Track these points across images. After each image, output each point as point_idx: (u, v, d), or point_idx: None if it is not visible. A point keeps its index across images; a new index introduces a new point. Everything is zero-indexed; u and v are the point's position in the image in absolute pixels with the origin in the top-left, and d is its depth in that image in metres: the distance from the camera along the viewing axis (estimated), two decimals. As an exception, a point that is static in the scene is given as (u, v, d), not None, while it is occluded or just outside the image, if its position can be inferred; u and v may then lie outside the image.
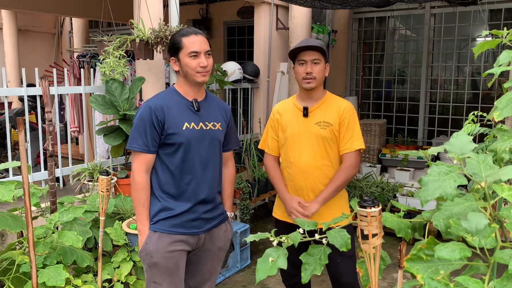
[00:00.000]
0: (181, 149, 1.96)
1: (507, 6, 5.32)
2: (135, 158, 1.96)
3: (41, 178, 3.25)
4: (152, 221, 1.99)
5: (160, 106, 1.94)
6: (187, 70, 1.96)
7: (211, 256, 2.14)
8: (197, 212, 2.02)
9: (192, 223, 2.01)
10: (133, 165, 1.97)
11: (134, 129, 1.96)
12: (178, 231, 1.99)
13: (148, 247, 1.96)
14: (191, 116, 2.00)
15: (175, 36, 2.00)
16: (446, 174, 0.99)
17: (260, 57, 5.34)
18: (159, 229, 1.97)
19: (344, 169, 2.31)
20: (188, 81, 2.01)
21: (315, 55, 2.26)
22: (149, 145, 1.93)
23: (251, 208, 4.07)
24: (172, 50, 2.01)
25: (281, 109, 2.45)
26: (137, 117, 1.96)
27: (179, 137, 1.95)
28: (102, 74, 3.30)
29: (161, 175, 1.99)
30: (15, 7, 6.35)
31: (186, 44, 1.96)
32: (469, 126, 1.44)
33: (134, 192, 1.97)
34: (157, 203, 1.99)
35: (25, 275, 2.27)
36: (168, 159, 1.97)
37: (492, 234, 0.96)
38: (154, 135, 1.93)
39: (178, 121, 1.96)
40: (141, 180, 1.95)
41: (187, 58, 1.95)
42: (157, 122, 1.92)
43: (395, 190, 4.68)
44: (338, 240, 1.23)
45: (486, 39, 1.26)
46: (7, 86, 7.19)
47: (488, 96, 5.75)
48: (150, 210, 2.00)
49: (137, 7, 3.45)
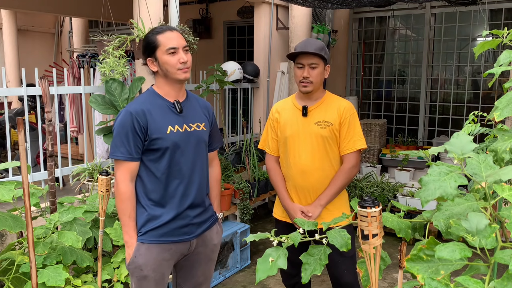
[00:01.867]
0: (167, 153, 1.88)
1: (507, 6, 5.32)
2: (119, 167, 1.86)
3: (40, 178, 3.24)
4: (140, 232, 1.89)
5: (142, 111, 1.85)
6: (167, 68, 1.87)
7: (205, 259, 2.08)
8: (187, 217, 1.94)
9: (182, 229, 1.94)
10: (117, 175, 1.86)
11: (116, 137, 1.86)
12: (167, 240, 1.90)
13: (138, 260, 1.87)
14: (174, 119, 1.91)
15: (149, 35, 1.91)
16: (447, 174, 0.99)
17: (260, 57, 5.33)
18: (147, 240, 1.88)
19: (346, 170, 2.31)
20: (168, 80, 1.91)
21: (312, 60, 2.26)
22: (133, 152, 1.84)
23: (251, 208, 4.07)
24: (147, 50, 1.91)
25: (280, 108, 2.44)
26: (118, 124, 1.86)
27: (164, 142, 1.86)
28: (102, 74, 3.30)
29: (147, 182, 1.90)
30: (15, 7, 6.35)
31: (162, 41, 1.87)
32: (470, 126, 1.44)
33: (119, 203, 1.86)
34: (143, 212, 1.90)
35: (25, 275, 2.27)
36: (153, 165, 1.89)
37: (492, 234, 0.96)
38: (137, 141, 1.84)
39: (161, 125, 1.87)
40: (126, 190, 1.86)
41: (166, 56, 1.87)
42: (140, 128, 1.84)
43: (395, 190, 4.67)
44: (338, 240, 1.23)
45: (486, 39, 1.26)
46: (7, 86, 7.19)
47: (488, 96, 5.75)
48: (137, 221, 1.90)
49: (137, 7, 3.45)
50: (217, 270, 3.49)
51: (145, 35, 1.96)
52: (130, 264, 1.89)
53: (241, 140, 5.03)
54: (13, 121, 4.97)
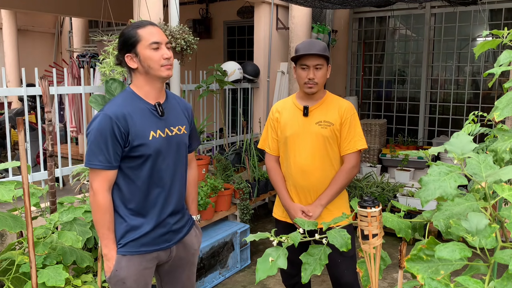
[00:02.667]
0: (149, 161, 1.76)
1: (507, 6, 5.32)
2: (96, 177, 1.72)
3: (40, 178, 3.24)
4: (120, 244, 1.78)
5: (122, 115, 1.70)
6: (150, 64, 1.73)
7: (187, 264, 2.02)
8: (167, 225, 1.85)
9: (163, 237, 1.85)
10: (94, 185, 1.72)
11: (93, 143, 1.70)
12: (148, 250, 1.82)
13: (119, 273, 1.77)
14: (155, 123, 1.78)
15: (128, 30, 1.76)
16: (447, 174, 0.99)
17: (260, 57, 5.33)
18: (128, 252, 1.78)
19: (347, 170, 2.31)
20: (150, 78, 1.77)
21: (318, 61, 2.25)
22: (112, 160, 1.70)
23: (251, 208, 4.07)
24: (126, 45, 1.75)
25: (281, 107, 2.44)
26: (95, 129, 1.70)
27: (147, 149, 1.74)
28: (102, 74, 3.30)
29: (125, 191, 1.77)
30: (15, 7, 6.35)
31: (144, 35, 1.73)
32: (470, 126, 1.44)
33: (98, 215, 1.73)
34: (122, 223, 1.78)
35: (25, 275, 2.27)
36: (133, 172, 1.76)
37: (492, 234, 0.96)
38: (116, 149, 1.70)
39: (143, 131, 1.74)
40: (105, 201, 1.72)
41: (149, 51, 1.73)
42: (120, 134, 1.69)
43: (395, 190, 4.67)
44: (338, 240, 1.23)
45: (486, 39, 1.26)
46: (7, 86, 7.19)
47: (488, 96, 5.75)
48: (116, 232, 1.79)
49: (137, 7, 3.45)
50: (217, 270, 3.49)
51: (122, 30, 1.80)
52: (112, 278, 1.79)
53: (241, 140, 5.03)
54: (13, 121, 4.97)
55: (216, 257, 3.45)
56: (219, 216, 3.78)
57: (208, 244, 3.37)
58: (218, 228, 3.68)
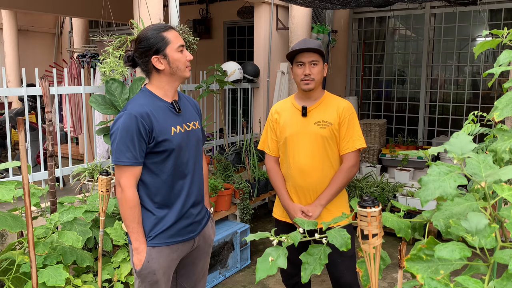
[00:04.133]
0: (172, 155, 1.86)
1: (507, 6, 5.32)
2: (124, 173, 1.81)
3: (41, 178, 3.24)
4: (149, 236, 1.88)
5: (146, 114, 1.80)
6: (178, 65, 1.86)
7: (204, 255, 2.11)
8: (191, 216, 1.96)
9: (187, 228, 1.95)
10: (122, 181, 1.81)
11: (120, 141, 1.79)
12: (176, 241, 1.91)
13: (151, 265, 1.86)
14: (175, 119, 1.90)
15: (152, 33, 1.85)
16: (446, 174, 0.99)
17: (260, 57, 5.34)
18: (158, 244, 1.88)
19: (346, 170, 2.31)
20: (173, 78, 1.89)
21: (313, 56, 2.25)
22: (138, 157, 1.80)
23: (251, 208, 4.07)
24: (154, 47, 1.83)
25: (280, 108, 2.45)
26: (121, 128, 1.79)
27: (170, 144, 1.84)
28: (102, 74, 3.30)
29: (151, 186, 1.87)
30: (15, 7, 6.35)
31: (172, 38, 1.85)
32: (469, 126, 1.44)
33: (128, 210, 1.82)
34: (150, 216, 1.88)
35: (25, 275, 2.27)
36: (158, 167, 1.86)
37: (492, 234, 0.96)
38: (142, 146, 1.80)
39: (165, 127, 1.85)
40: (134, 196, 1.82)
41: (177, 53, 1.85)
42: (145, 132, 1.79)
43: (395, 190, 4.68)
44: (338, 240, 1.23)
45: (486, 39, 1.26)
46: (7, 86, 7.19)
47: (488, 96, 5.75)
48: (144, 225, 1.88)
49: (137, 7, 3.45)
50: (217, 270, 3.49)
51: (144, 32, 1.88)
52: (143, 270, 1.86)
53: (241, 140, 5.04)
54: (13, 121, 4.97)
55: (216, 257, 3.45)
56: (219, 216, 3.78)
57: (208, 244, 3.38)
58: (218, 228, 3.68)
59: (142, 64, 1.89)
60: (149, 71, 1.90)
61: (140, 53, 1.87)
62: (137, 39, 1.90)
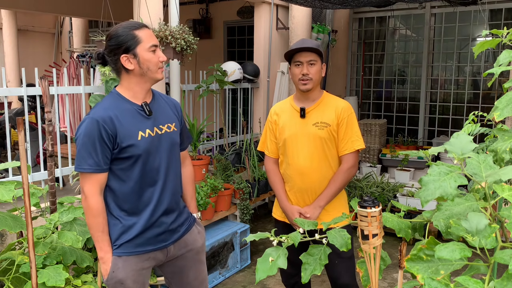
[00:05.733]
0: (139, 161, 1.76)
1: (507, 6, 5.32)
2: (86, 181, 1.72)
3: (40, 178, 3.24)
4: (115, 245, 1.79)
5: (109, 118, 1.70)
6: (149, 66, 1.75)
7: (192, 262, 2.01)
8: (163, 224, 1.85)
9: (158, 237, 1.85)
10: (86, 189, 1.72)
11: (82, 147, 1.70)
12: (144, 250, 1.82)
13: (117, 275, 1.77)
14: (143, 123, 1.78)
15: (124, 30, 1.74)
16: (447, 174, 0.99)
17: (260, 57, 5.33)
18: (124, 253, 1.79)
19: (345, 171, 2.30)
20: (143, 80, 1.78)
21: (311, 56, 2.25)
22: (101, 163, 1.71)
23: (251, 208, 4.06)
24: (124, 46, 1.73)
25: (279, 110, 2.44)
26: (83, 134, 1.70)
27: (136, 149, 1.74)
28: (101, 74, 3.30)
29: (118, 192, 1.78)
30: (15, 7, 6.35)
31: (144, 37, 1.74)
32: (470, 126, 1.44)
33: (91, 219, 1.73)
34: (117, 224, 1.79)
35: (25, 275, 2.27)
36: (125, 173, 1.77)
37: (492, 234, 0.96)
38: (105, 152, 1.70)
39: (131, 132, 1.74)
40: (98, 204, 1.73)
41: (148, 53, 1.74)
42: (108, 137, 1.69)
43: (395, 190, 4.67)
44: (338, 240, 1.23)
45: (486, 39, 1.26)
46: (7, 86, 7.19)
47: (488, 96, 5.75)
48: (110, 234, 1.79)
49: (137, 7, 3.45)
50: (217, 270, 3.49)
51: (115, 29, 1.76)
52: (109, 280, 1.79)
53: (241, 140, 5.03)
54: (13, 121, 4.97)
55: (216, 257, 3.45)
56: (219, 216, 3.78)
57: (208, 244, 3.37)
58: (218, 228, 3.68)
59: (111, 62, 1.79)
60: (118, 70, 1.79)
61: (109, 51, 1.76)
62: (108, 36, 1.79)
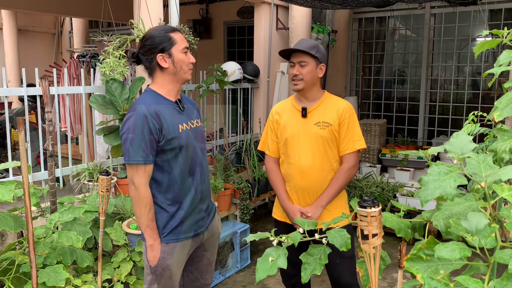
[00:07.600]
0: (182, 152, 1.92)
1: (507, 6, 5.32)
2: (137, 172, 1.85)
3: (41, 178, 3.24)
4: (163, 233, 1.93)
5: (155, 113, 1.85)
6: (182, 66, 1.92)
7: (210, 246, 2.18)
8: (201, 211, 2.02)
9: (198, 223, 2.01)
10: (136, 180, 1.85)
11: (132, 141, 1.83)
12: (188, 236, 1.97)
13: (166, 261, 1.92)
14: (180, 117, 1.95)
15: (159, 32, 1.91)
16: (446, 174, 0.99)
17: (260, 57, 5.34)
18: (171, 240, 1.93)
19: (346, 170, 2.31)
20: (175, 78, 1.95)
21: (301, 57, 2.28)
22: (150, 155, 1.85)
23: (251, 208, 4.07)
24: (160, 46, 1.89)
25: (280, 109, 2.45)
26: (132, 127, 1.83)
27: (179, 141, 1.90)
28: (102, 74, 3.30)
29: (163, 183, 1.92)
30: (15, 7, 6.35)
31: (178, 39, 1.92)
32: (469, 126, 1.44)
33: (142, 208, 1.87)
34: (163, 213, 1.93)
35: (25, 275, 2.27)
36: (169, 165, 1.91)
37: (492, 234, 0.96)
38: (153, 144, 1.85)
39: (173, 125, 1.90)
40: (147, 194, 1.88)
41: (181, 54, 1.92)
42: (155, 130, 1.84)
43: (395, 190, 4.68)
44: (338, 240, 1.23)
45: (486, 39, 1.26)
46: (7, 86, 7.19)
47: (488, 96, 5.75)
48: (158, 222, 1.93)
49: (137, 7, 3.45)
50: (217, 270, 3.49)
51: (151, 31, 1.95)
52: (158, 266, 1.91)
53: (241, 140, 5.03)
54: (13, 121, 4.97)
55: (216, 257, 3.45)
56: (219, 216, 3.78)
57: (208, 244, 3.37)
58: (218, 228, 3.68)
59: (146, 61, 1.93)
60: (152, 68, 1.94)
61: (145, 50, 1.92)
62: (144, 37, 1.95)
